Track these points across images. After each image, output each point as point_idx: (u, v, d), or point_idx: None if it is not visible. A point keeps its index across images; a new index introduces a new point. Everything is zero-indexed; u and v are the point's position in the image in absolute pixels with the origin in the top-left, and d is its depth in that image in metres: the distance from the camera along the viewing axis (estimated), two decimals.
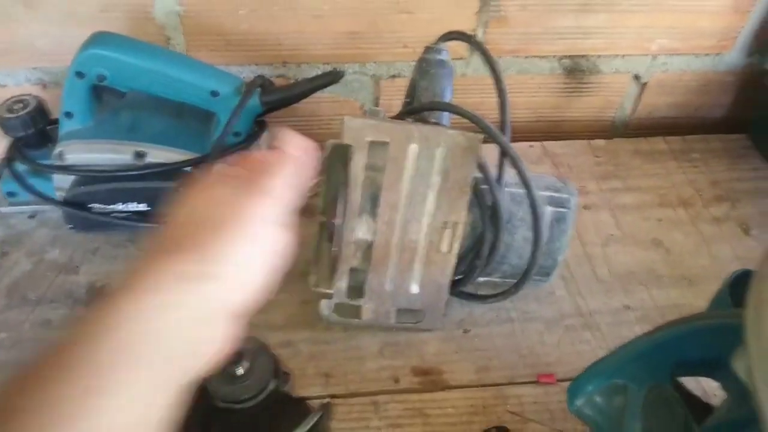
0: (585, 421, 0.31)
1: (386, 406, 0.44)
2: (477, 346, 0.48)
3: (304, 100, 0.56)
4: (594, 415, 0.30)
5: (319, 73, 0.57)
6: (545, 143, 0.67)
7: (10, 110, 0.51)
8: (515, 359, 0.47)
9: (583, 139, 0.68)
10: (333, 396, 0.44)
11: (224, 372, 0.37)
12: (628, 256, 0.56)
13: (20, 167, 0.51)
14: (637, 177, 0.64)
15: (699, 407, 0.32)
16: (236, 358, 0.37)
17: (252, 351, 0.38)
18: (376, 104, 0.66)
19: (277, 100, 0.53)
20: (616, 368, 0.31)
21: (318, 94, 0.57)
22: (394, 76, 0.64)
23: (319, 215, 0.47)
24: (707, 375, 0.33)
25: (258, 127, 0.55)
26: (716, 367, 0.29)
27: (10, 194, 0.53)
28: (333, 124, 0.66)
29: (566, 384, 0.44)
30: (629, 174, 0.64)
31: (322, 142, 0.44)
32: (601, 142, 0.68)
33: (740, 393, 0.26)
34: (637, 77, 0.68)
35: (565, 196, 0.48)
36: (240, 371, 0.37)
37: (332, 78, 0.53)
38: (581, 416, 0.31)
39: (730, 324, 0.26)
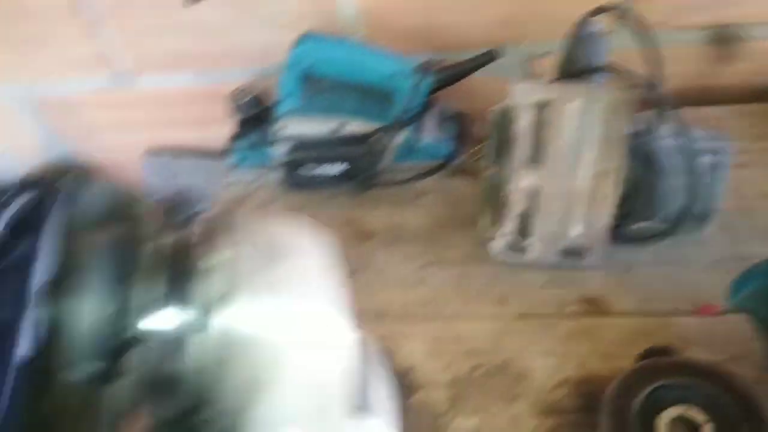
0: (746, 311, 0.36)
1: (556, 326, 0.50)
2: (639, 282, 0.53)
3: (462, 81, 0.65)
4: (754, 307, 0.35)
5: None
6: (697, 109, 0.69)
7: (237, 98, 0.65)
8: (677, 294, 0.52)
9: (736, 104, 0.69)
10: (509, 317, 0.52)
11: None
12: None
13: (247, 141, 0.65)
14: None
15: None
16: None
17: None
18: None
19: (444, 78, 0.63)
20: None
21: (474, 75, 0.65)
22: (546, 53, 0.70)
23: (489, 167, 0.55)
24: None
25: (428, 103, 0.65)
26: None
27: (239, 162, 0.67)
28: (488, 101, 0.74)
29: (729, 316, 0.48)
30: None
31: (479, 115, 0.52)
32: (755, 106, 0.69)
33: None
34: None
35: (719, 144, 0.52)
36: None
37: (490, 57, 0.62)
38: (742, 308, 0.36)
39: None
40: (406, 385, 0.49)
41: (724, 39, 0.68)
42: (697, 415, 0.43)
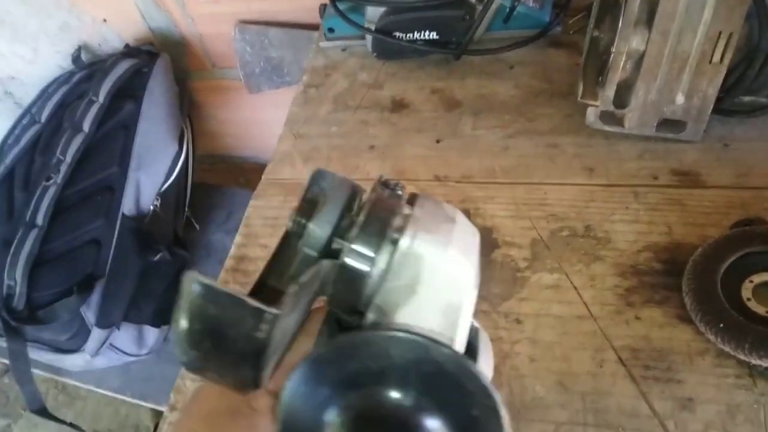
0: None
1: (645, 195, 0.50)
2: (737, 157, 0.51)
3: None
4: None
5: None
6: None
7: None
8: None
9: None
10: (596, 185, 0.52)
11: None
12: None
13: (342, 5, 0.65)
14: None
15: None
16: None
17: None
18: None
19: None
20: None
21: None
22: None
23: (592, 30, 0.53)
24: None
25: None
26: None
27: (330, 30, 0.68)
28: None
29: None
30: None
31: None
32: None
33: None
34: None
35: None
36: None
37: None
38: None
39: None
40: (487, 242, 0.51)
41: None
42: None
